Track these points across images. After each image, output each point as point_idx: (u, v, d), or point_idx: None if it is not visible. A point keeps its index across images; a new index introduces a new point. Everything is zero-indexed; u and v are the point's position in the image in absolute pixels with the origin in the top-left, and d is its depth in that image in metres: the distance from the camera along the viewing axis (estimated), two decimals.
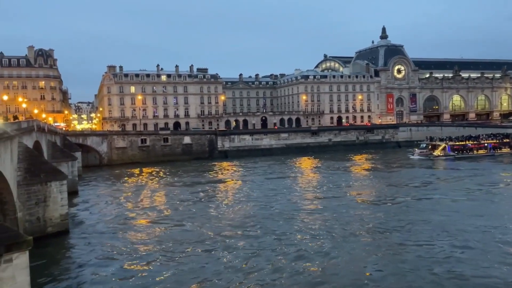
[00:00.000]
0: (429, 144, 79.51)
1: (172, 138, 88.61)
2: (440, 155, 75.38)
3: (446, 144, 77.29)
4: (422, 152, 77.50)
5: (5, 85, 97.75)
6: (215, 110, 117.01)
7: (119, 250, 27.22)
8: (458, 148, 77.13)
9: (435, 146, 78.05)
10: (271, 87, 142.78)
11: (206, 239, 28.90)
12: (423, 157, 75.95)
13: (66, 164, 47.27)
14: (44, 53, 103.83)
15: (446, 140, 79.58)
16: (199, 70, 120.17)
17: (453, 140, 79.57)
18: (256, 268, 23.08)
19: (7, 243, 12.23)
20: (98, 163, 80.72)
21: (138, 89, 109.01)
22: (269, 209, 37.87)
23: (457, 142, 78.61)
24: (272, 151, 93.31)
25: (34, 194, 29.66)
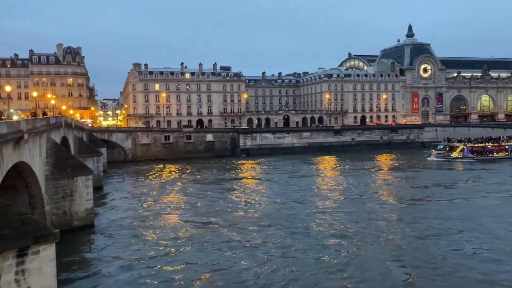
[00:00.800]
0: (446, 146, 77.10)
1: (195, 136, 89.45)
2: (458, 157, 72.94)
3: (465, 145, 74.72)
4: (439, 154, 75.19)
5: (35, 82, 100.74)
6: (237, 108, 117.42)
7: (142, 244, 27.70)
8: (477, 150, 74.36)
9: (453, 148, 75.59)
10: (294, 85, 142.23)
11: (228, 236, 29.06)
12: (440, 158, 73.62)
13: (92, 160, 48.31)
14: (72, 50, 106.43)
15: (465, 141, 77.16)
16: (222, 68, 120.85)
17: (472, 142, 77.06)
18: (279, 268, 23.03)
19: (35, 236, 12.63)
20: (123, 159, 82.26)
21: (162, 86, 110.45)
22: (292, 208, 37.77)
23: (476, 144, 75.93)
24: (294, 150, 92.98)
25: (61, 188, 30.50)
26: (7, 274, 11.97)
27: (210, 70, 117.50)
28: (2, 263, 11.93)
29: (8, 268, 12.01)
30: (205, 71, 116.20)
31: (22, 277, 12.27)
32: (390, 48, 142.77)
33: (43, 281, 12.69)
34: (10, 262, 12.07)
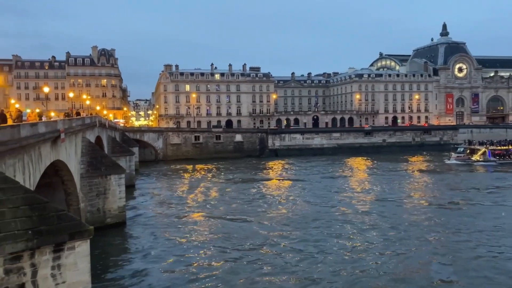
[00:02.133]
0: (467, 148, 73.81)
1: (224, 136, 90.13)
2: (479, 160, 69.51)
3: (487, 148, 71.20)
4: (459, 157, 71.91)
5: (71, 83, 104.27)
6: (266, 109, 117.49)
7: (172, 242, 28.16)
8: (500, 153, 70.76)
9: (474, 151, 72.23)
10: (323, 85, 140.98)
11: (259, 236, 29.10)
12: (460, 161, 70.40)
13: (124, 159, 49.48)
14: (106, 52, 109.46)
15: (487, 144, 73.74)
16: (251, 69, 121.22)
17: (495, 144, 73.51)
18: (312, 269, 22.90)
19: (71, 232, 13.03)
20: (154, 159, 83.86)
21: (192, 87, 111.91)
22: (323, 209, 37.47)
23: (499, 147, 72.34)
24: (323, 151, 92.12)
25: (95, 186, 31.42)
26: (44, 268, 12.42)
27: (239, 71, 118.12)
28: (39, 258, 12.39)
29: (45, 263, 12.45)
30: (235, 71, 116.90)
31: (58, 272, 12.69)
32: (423, 47, 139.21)
33: (78, 276, 13.08)
34: (47, 257, 12.52)
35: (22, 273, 11.98)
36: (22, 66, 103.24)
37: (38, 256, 12.30)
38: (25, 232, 12.16)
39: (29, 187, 16.22)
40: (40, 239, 12.31)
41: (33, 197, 13.25)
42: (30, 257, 12.12)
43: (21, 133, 16.06)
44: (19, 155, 15.75)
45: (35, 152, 18.31)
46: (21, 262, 11.96)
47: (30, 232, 12.22)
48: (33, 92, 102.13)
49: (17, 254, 11.88)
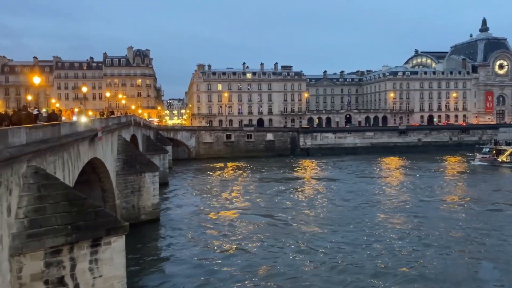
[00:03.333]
0: (493, 149, 69.77)
1: (256, 135, 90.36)
2: (506, 161, 65.74)
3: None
4: (484, 158, 68.24)
5: (107, 83, 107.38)
6: (298, 108, 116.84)
7: (205, 239, 28.50)
8: None
9: (500, 151, 68.34)
10: (356, 84, 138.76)
11: (291, 235, 28.96)
12: (485, 163, 66.83)
13: (158, 157, 50.47)
14: (141, 53, 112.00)
15: None
16: (283, 68, 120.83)
17: None
18: (344, 271, 22.65)
19: (107, 227, 13.44)
20: (187, 157, 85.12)
21: (224, 86, 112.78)
22: (356, 209, 36.96)
23: None
24: (356, 150, 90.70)
25: (130, 183, 32.25)
26: (82, 262, 12.87)
27: (271, 69, 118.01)
28: (77, 252, 12.85)
29: (83, 257, 12.90)
30: (266, 70, 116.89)
31: (95, 266, 13.12)
32: (461, 44, 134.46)
33: (114, 270, 13.47)
34: (85, 251, 12.96)
35: (62, 267, 12.45)
36: (62, 67, 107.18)
37: (76, 251, 12.76)
38: (64, 227, 12.64)
39: (69, 184, 16.83)
40: (78, 234, 12.76)
41: (72, 193, 13.75)
42: (69, 251, 12.59)
43: (61, 131, 16.69)
44: (59, 153, 16.37)
45: (74, 150, 18.97)
46: (60, 256, 12.43)
47: (69, 227, 12.69)
48: (72, 92, 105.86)
49: (57, 248, 12.36)
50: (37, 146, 13.12)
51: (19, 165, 12.21)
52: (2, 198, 10.94)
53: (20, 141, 12.11)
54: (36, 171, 13.11)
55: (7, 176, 11.28)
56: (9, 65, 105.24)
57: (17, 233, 11.84)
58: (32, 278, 11.95)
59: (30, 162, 13.02)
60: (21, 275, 11.79)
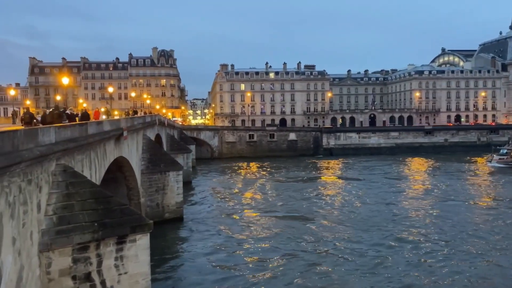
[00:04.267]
0: (510, 150, 66.95)
1: (278, 134, 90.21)
2: None
3: None
4: (501, 159, 65.45)
5: (133, 83, 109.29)
6: (321, 107, 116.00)
7: (227, 238, 28.65)
8: None
9: None
10: (381, 83, 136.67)
11: (313, 235, 28.84)
12: (502, 164, 64.12)
13: (182, 156, 51.00)
14: (165, 53, 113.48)
15: None
16: (306, 67, 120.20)
17: None
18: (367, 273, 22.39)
19: (132, 225, 13.67)
20: (210, 156, 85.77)
21: (247, 86, 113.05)
22: (381, 210, 36.41)
23: None
24: (380, 150, 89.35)
25: (154, 182, 32.71)
26: (108, 259, 13.13)
27: (294, 69, 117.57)
28: (104, 249, 13.11)
29: (109, 254, 13.16)
30: (289, 70, 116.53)
31: (121, 263, 13.36)
32: (490, 42, 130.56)
33: (139, 267, 13.69)
34: (111, 248, 13.22)
35: (89, 263, 12.73)
36: (89, 68, 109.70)
37: (103, 247, 13.02)
38: (91, 224, 12.93)
39: (95, 182, 17.19)
40: (104, 231, 13.02)
41: (98, 191, 14.05)
42: (95, 247, 12.86)
43: (88, 130, 17.07)
44: (86, 152, 16.75)
45: (101, 148, 19.38)
46: (87, 252, 12.72)
47: (96, 224, 12.97)
48: (99, 92, 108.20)
49: (84, 245, 12.65)
50: (65, 145, 13.45)
51: (48, 163, 12.55)
52: (32, 195, 11.27)
53: (50, 140, 12.44)
54: (65, 169, 13.45)
55: (37, 174, 11.61)
56: (38, 66, 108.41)
57: (46, 229, 12.17)
58: (61, 274, 12.26)
59: (59, 161, 13.36)
60: (50, 270, 12.11)
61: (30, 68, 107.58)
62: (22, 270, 10.45)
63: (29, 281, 10.90)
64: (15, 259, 9.99)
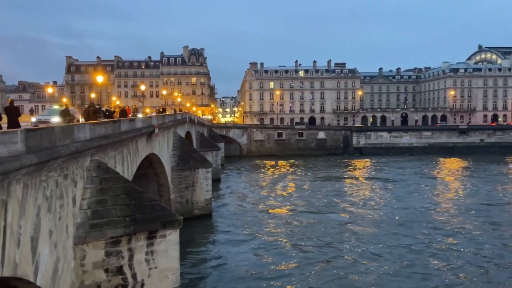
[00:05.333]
0: None
1: (307, 133, 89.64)
2: None
3: None
4: None
5: (164, 81, 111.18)
6: (351, 106, 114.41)
7: (256, 236, 28.70)
8: None
9: None
10: (413, 81, 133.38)
11: (345, 236, 28.48)
12: None
13: (211, 154, 51.46)
14: (196, 52, 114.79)
15: None
16: (336, 65, 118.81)
17: None
18: (400, 275, 21.96)
19: (163, 221, 13.93)
20: (238, 154, 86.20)
21: (276, 84, 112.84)
22: (412, 211, 35.52)
23: None
24: (412, 150, 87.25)
25: (184, 178, 33.19)
26: (139, 253, 13.43)
27: (324, 67, 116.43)
28: (135, 244, 13.42)
29: (140, 249, 13.46)
30: (319, 68, 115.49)
31: (151, 258, 13.64)
32: None
33: (169, 262, 13.94)
34: (142, 243, 13.51)
35: (121, 256, 13.06)
36: (122, 66, 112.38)
37: (134, 242, 13.32)
38: (123, 218, 13.25)
39: (128, 178, 17.60)
40: (136, 226, 13.32)
41: (130, 187, 14.37)
42: (127, 242, 13.18)
43: (121, 127, 17.48)
44: (119, 148, 17.17)
45: (133, 145, 19.82)
46: (119, 246, 13.05)
47: (127, 219, 13.29)
48: (131, 90, 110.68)
49: (117, 239, 12.98)
50: (99, 141, 13.83)
51: (83, 159, 12.94)
52: (68, 189, 11.66)
53: (85, 136, 12.82)
54: (99, 165, 13.84)
55: (72, 169, 12.00)
56: (75, 65, 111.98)
57: (81, 223, 12.57)
58: (94, 266, 12.64)
59: (93, 156, 13.76)
60: (84, 262, 12.51)
61: (66, 67, 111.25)
62: (58, 262, 10.83)
63: (64, 273, 11.29)
64: (51, 251, 10.37)
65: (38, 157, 8.77)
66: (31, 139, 8.88)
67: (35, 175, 9.25)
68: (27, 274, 8.89)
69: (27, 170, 8.48)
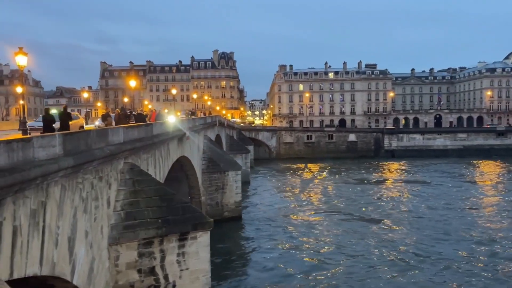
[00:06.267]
0: None
1: (337, 135, 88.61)
2: None
3: None
4: None
5: (194, 85, 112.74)
6: (382, 107, 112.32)
7: (285, 239, 28.57)
8: None
9: None
10: (447, 82, 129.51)
11: (377, 241, 27.84)
12: None
13: (241, 156, 51.69)
14: (225, 55, 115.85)
15: None
16: (367, 66, 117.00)
17: None
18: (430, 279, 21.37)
19: (194, 223, 14.10)
20: (267, 157, 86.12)
21: (306, 87, 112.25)
22: (450, 216, 34.34)
23: None
24: (447, 153, 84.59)
25: (214, 181, 33.50)
26: (171, 255, 13.64)
27: (354, 68, 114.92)
28: (167, 245, 13.63)
29: (172, 250, 13.67)
30: (349, 69, 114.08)
31: (182, 259, 13.82)
32: None
33: (199, 264, 14.08)
34: (173, 244, 13.71)
35: (153, 257, 13.30)
36: (154, 71, 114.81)
37: (166, 243, 13.53)
38: (155, 220, 13.49)
39: (159, 180, 17.92)
40: (168, 228, 13.53)
41: (162, 189, 14.63)
42: (159, 243, 13.41)
43: (153, 131, 17.84)
44: (151, 151, 17.51)
45: (165, 148, 20.18)
46: (152, 247, 13.29)
47: (159, 220, 13.52)
48: (163, 94, 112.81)
49: (149, 240, 13.23)
50: (132, 144, 14.16)
51: (117, 161, 13.28)
52: (102, 191, 11.98)
53: (119, 139, 13.16)
54: (132, 167, 14.16)
55: (107, 171, 12.33)
56: (108, 70, 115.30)
57: (114, 224, 12.89)
58: (127, 267, 12.93)
59: (127, 159, 14.09)
60: (118, 263, 12.81)
61: (101, 72, 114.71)
62: (93, 261, 11.15)
63: (99, 272, 11.60)
64: (87, 251, 10.68)
65: (75, 160, 9.07)
66: (68, 143, 9.19)
67: (72, 177, 9.56)
68: (65, 273, 9.19)
69: (65, 173, 8.78)
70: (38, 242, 7.96)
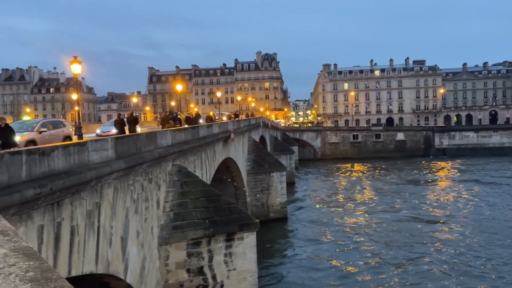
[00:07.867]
0: None
1: (385, 134, 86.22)
2: None
3: None
4: None
5: (238, 87, 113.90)
6: (432, 105, 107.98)
7: (332, 241, 28.18)
8: None
9: None
10: (504, 76, 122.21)
11: (429, 245, 26.72)
12: None
13: (285, 157, 51.56)
14: (269, 57, 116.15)
15: None
16: (415, 62, 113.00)
17: None
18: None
19: (240, 223, 14.25)
20: (312, 157, 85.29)
21: (351, 85, 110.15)
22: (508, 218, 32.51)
23: None
24: (504, 151, 79.85)
25: (259, 182, 33.66)
26: (218, 255, 13.85)
27: (401, 65, 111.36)
28: (214, 245, 13.86)
29: (219, 250, 13.88)
30: (396, 66, 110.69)
31: (230, 259, 13.99)
32: None
33: (246, 264, 14.19)
34: (221, 245, 13.92)
35: (201, 258, 13.56)
36: (199, 74, 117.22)
37: (213, 244, 13.76)
38: (203, 221, 13.75)
39: (206, 181, 18.25)
40: (215, 228, 13.76)
41: (209, 190, 14.89)
42: (207, 243, 13.65)
43: (200, 133, 18.21)
44: (198, 153, 17.88)
45: (211, 150, 20.53)
46: (200, 247, 13.56)
47: (207, 221, 13.77)
48: (208, 97, 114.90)
49: (197, 240, 13.51)
50: (180, 147, 14.52)
51: (166, 163, 13.67)
52: (152, 193, 12.37)
53: (167, 142, 13.54)
54: (180, 169, 14.52)
55: (156, 173, 12.72)
56: (156, 75, 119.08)
57: (164, 224, 13.27)
58: (177, 266, 13.27)
59: (175, 161, 14.47)
60: (168, 262, 13.18)
61: (149, 77, 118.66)
62: (145, 261, 11.53)
63: (150, 271, 11.98)
64: (139, 251, 11.06)
65: (126, 163, 9.43)
66: (120, 146, 9.57)
67: (124, 179, 9.94)
68: (118, 271, 9.57)
69: (117, 175, 9.15)
70: (93, 241, 8.35)
